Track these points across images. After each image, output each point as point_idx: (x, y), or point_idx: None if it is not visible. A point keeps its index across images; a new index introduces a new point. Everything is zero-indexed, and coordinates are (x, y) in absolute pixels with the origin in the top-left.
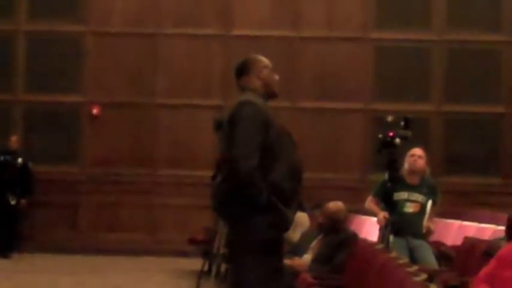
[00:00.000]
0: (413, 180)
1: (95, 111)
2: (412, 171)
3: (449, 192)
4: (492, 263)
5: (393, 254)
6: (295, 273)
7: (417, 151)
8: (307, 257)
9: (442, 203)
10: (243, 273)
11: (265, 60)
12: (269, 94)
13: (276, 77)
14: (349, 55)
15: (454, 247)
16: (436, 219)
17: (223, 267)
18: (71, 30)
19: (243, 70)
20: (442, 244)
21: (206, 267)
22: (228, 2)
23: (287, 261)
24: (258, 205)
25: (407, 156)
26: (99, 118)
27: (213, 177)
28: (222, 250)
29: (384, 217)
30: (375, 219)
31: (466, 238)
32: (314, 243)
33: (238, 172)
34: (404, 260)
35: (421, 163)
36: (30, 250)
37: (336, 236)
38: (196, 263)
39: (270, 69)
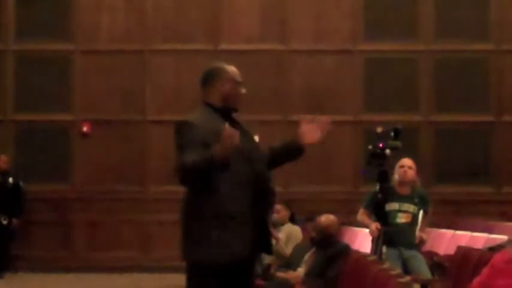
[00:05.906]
0: (404, 190)
1: (85, 129)
2: (403, 182)
3: (440, 202)
4: (485, 271)
5: (386, 265)
6: (290, 286)
7: (406, 162)
8: (301, 270)
9: (433, 212)
10: None
11: (231, 71)
12: (227, 108)
13: (242, 91)
14: (338, 67)
15: (447, 256)
16: (429, 229)
17: None
18: (60, 48)
19: (205, 81)
20: (435, 254)
21: None
22: (215, 17)
23: (281, 275)
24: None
25: (397, 167)
26: (89, 136)
27: None
28: None
29: (376, 228)
30: (367, 230)
31: (459, 247)
32: (307, 257)
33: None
34: (398, 270)
35: (411, 173)
36: (23, 269)
37: (329, 249)
38: None
39: (234, 82)
